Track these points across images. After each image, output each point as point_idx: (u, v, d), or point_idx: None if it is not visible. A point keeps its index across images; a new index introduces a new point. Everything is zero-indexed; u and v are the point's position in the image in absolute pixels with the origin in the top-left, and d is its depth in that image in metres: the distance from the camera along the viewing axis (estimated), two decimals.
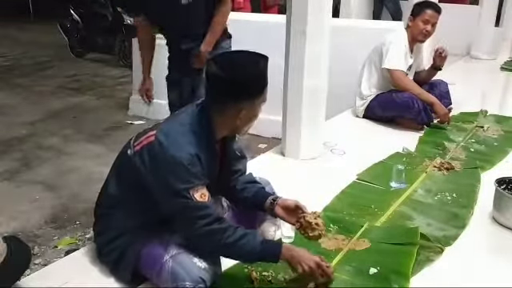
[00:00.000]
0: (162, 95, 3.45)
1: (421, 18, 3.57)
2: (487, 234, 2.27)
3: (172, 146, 1.56)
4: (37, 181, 3.68)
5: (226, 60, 1.70)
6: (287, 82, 2.99)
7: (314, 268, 1.63)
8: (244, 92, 1.61)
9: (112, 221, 1.75)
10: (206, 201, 1.58)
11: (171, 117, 1.80)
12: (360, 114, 3.88)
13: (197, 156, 1.57)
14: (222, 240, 1.57)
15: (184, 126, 1.62)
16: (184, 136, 1.60)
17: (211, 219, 1.57)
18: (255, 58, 1.65)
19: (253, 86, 1.62)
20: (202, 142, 1.62)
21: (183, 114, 1.71)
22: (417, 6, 3.65)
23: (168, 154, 1.55)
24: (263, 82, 1.65)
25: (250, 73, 1.61)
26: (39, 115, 5.35)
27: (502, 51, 7.03)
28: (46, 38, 9.88)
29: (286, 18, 2.98)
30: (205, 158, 1.61)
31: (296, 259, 1.64)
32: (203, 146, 1.62)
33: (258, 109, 1.68)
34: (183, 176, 1.54)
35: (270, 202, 1.84)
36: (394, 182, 2.66)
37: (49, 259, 2.65)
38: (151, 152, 1.60)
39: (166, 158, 1.55)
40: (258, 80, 1.63)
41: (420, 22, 3.57)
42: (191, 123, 1.64)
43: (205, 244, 1.60)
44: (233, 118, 1.65)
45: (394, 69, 3.57)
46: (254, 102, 1.64)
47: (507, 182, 2.42)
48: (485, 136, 3.57)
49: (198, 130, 1.63)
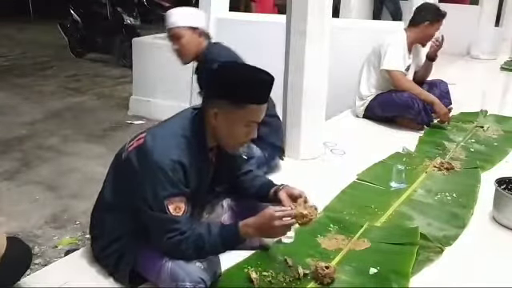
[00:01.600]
0: (161, 95, 3.45)
1: (437, 26, 3.63)
2: (487, 234, 2.27)
3: (157, 151, 1.56)
4: (37, 181, 3.68)
5: (229, 62, 1.71)
6: (287, 82, 2.99)
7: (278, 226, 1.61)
8: (225, 89, 1.57)
9: (108, 225, 1.75)
10: (180, 214, 1.57)
11: (165, 120, 1.78)
12: (360, 114, 3.88)
13: (179, 163, 1.55)
14: (188, 249, 1.58)
15: (174, 130, 1.62)
16: (171, 140, 1.59)
17: (177, 233, 1.57)
18: (256, 70, 1.62)
19: (236, 88, 1.56)
20: (192, 147, 1.61)
21: (177, 117, 1.70)
22: (433, 11, 3.66)
23: (152, 158, 1.55)
24: (251, 93, 1.57)
25: (240, 75, 1.59)
26: (39, 115, 5.34)
27: (502, 51, 7.02)
28: (46, 37, 9.87)
29: (285, 18, 2.98)
30: (193, 165, 1.60)
31: (260, 232, 1.65)
32: (193, 151, 1.61)
33: (238, 120, 1.59)
34: (163, 183, 1.54)
35: (278, 187, 1.85)
36: (393, 182, 2.66)
37: (49, 259, 2.65)
38: (138, 154, 1.61)
39: (149, 162, 1.56)
40: (244, 86, 1.57)
41: (435, 29, 3.64)
42: (183, 127, 1.63)
43: (173, 254, 1.60)
44: (210, 118, 1.61)
45: (393, 70, 3.58)
46: (232, 107, 1.57)
47: (507, 182, 2.43)
48: (485, 136, 3.57)
49: (189, 134, 1.62)
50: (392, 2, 7.40)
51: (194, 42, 2.59)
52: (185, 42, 2.58)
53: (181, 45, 2.60)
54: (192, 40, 2.59)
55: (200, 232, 1.60)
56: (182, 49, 2.62)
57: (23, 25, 11.41)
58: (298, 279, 1.79)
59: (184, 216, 1.59)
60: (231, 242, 1.65)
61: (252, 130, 1.65)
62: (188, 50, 2.62)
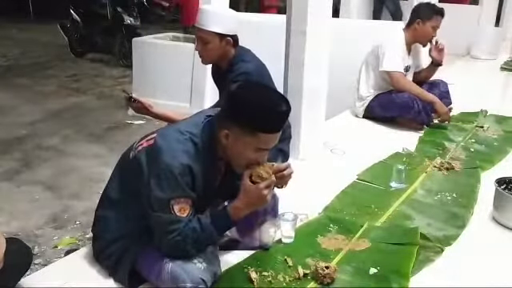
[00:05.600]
0: (161, 95, 3.45)
1: (431, 24, 3.58)
2: (487, 234, 2.27)
3: (167, 153, 1.56)
4: (37, 181, 3.68)
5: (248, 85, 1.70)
6: (287, 82, 2.99)
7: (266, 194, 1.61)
8: (238, 114, 1.55)
9: (110, 224, 1.75)
10: (184, 216, 1.58)
11: (176, 123, 1.79)
12: (360, 115, 3.88)
13: (189, 167, 1.56)
14: (186, 246, 1.59)
15: (184, 135, 1.62)
16: (181, 144, 1.59)
17: (176, 233, 1.58)
18: (274, 98, 1.58)
19: (249, 115, 1.53)
20: (201, 153, 1.61)
21: (189, 122, 1.70)
22: (425, 9, 3.63)
23: (162, 159, 1.56)
24: (264, 123, 1.53)
25: (255, 102, 1.54)
26: (39, 115, 5.34)
27: (502, 51, 7.03)
28: (46, 37, 9.86)
29: (285, 18, 2.98)
30: (200, 171, 1.60)
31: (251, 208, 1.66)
32: (202, 158, 1.61)
33: (248, 146, 1.57)
34: (171, 184, 1.55)
35: None
36: (393, 182, 2.66)
37: (49, 259, 2.65)
38: (149, 155, 1.61)
39: (159, 164, 1.56)
40: (258, 115, 1.52)
41: (430, 27, 3.58)
42: (193, 133, 1.63)
43: (175, 253, 1.61)
44: (221, 136, 1.60)
45: (393, 70, 3.58)
46: (243, 132, 1.55)
47: (507, 182, 2.43)
48: (485, 136, 3.57)
49: (200, 141, 1.62)
50: (392, 1, 7.40)
51: (219, 50, 2.43)
52: (210, 47, 2.41)
53: (205, 48, 2.43)
54: (218, 48, 2.42)
55: (193, 226, 1.61)
56: (205, 52, 2.46)
57: (23, 25, 11.39)
58: (298, 279, 1.80)
59: (187, 218, 1.59)
60: (225, 226, 1.68)
61: (262, 156, 1.63)
62: (211, 55, 2.47)
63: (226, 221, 1.66)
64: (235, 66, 2.45)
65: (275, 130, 1.58)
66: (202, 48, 2.45)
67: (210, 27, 2.37)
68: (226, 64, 2.51)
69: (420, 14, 3.61)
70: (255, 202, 1.64)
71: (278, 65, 2.90)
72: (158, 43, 5.35)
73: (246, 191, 1.62)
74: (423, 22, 3.58)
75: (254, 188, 1.61)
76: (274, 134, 1.59)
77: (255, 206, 1.68)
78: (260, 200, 1.63)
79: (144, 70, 5.25)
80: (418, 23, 3.60)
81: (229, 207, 1.66)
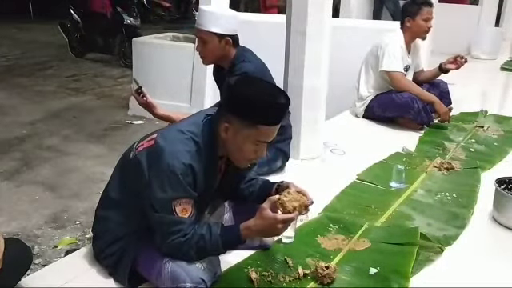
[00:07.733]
0: (161, 95, 3.45)
1: (421, 17, 3.57)
2: (487, 234, 2.27)
3: (169, 153, 1.56)
4: (37, 181, 3.68)
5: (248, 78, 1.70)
6: (287, 82, 2.99)
7: (281, 228, 1.58)
8: (238, 106, 1.55)
9: (110, 224, 1.75)
10: (186, 216, 1.57)
11: (176, 123, 1.78)
12: (360, 115, 3.88)
13: (190, 167, 1.56)
14: (190, 251, 1.58)
15: (185, 134, 1.61)
16: (183, 144, 1.59)
17: (180, 235, 1.57)
18: (273, 92, 1.60)
19: (249, 107, 1.53)
20: (202, 153, 1.61)
21: (189, 121, 1.70)
22: (410, 5, 3.64)
23: (163, 160, 1.55)
24: (264, 115, 1.54)
25: (255, 95, 1.55)
26: (39, 115, 5.34)
27: (502, 51, 7.02)
28: (46, 37, 9.86)
29: (285, 18, 2.98)
30: (201, 170, 1.60)
31: (262, 234, 1.65)
32: (202, 157, 1.61)
33: (247, 139, 1.57)
34: (173, 185, 1.54)
35: (278, 184, 1.84)
36: (394, 182, 2.66)
37: (49, 259, 2.65)
38: (149, 155, 1.61)
39: (160, 164, 1.56)
40: (258, 107, 1.53)
41: (421, 21, 3.58)
42: (194, 132, 1.62)
43: (176, 255, 1.60)
44: (221, 130, 1.60)
45: (392, 71, 3.58)
46: (243, 125, 1.55)
47: (507, 182, 2.43)
48: (485, 136, 3.57)
49: (200, 141, 1.62)
50: (392, 1, 7.40)
51: (219, 50, 2.43)
52: (209, 47, 2.42)
53: (205, 48, 2.44)
54: (217, 48, 2.42)
55: (201, 233, 1.59)
56: (205, 52, 2.47)
57: (23, 25, 11.40)
58: (298, 279, 1.80)
59: (189, 218, 1.59)
60: (232, 243, 1.64)
61: (261, 149, 1.63)
62: (211, 56, 2.48)
63: (235, 236, 1.61)
64: (236, 66, 2.45)
65: (275, 123, 1.59)
66: (202, 48, 2.45)
67: (208, 27, 2.38)
68: (226, 64, 2.51)
69: (407, 12, 3.63)
70: (267, 230, 1.60)
71: (278, 65, 2.90)
72: (157, 43, 5.36)
73: (263, 217, 1.58)
74: (413, 19, 3.59)
75: (270, 217, 1.57)
76: (274, 127, 1.60)
77: (266, 234, 1.67)
78: (272, 230, 1.60)
79: (144, 69, 5.25)
80: (408, 21, 3.61)
81: (241, 225, 1.63)
